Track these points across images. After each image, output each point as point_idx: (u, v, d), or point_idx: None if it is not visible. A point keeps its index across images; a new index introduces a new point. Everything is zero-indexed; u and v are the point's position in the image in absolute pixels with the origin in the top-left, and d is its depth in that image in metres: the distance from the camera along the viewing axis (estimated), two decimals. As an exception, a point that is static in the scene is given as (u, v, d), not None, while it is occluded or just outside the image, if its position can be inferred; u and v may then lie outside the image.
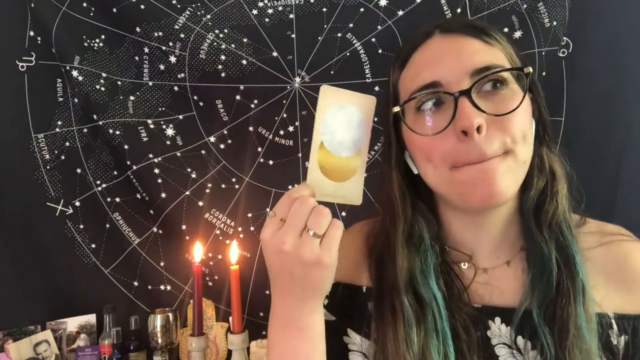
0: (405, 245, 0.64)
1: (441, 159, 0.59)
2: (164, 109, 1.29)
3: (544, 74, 1.14)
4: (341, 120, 0.58)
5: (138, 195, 1.30)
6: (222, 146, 1.29)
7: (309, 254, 0.54)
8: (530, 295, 0.59)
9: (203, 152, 1.29)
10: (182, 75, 1.27)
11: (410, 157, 0.66)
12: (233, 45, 1.25)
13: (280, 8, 1.25)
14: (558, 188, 0.63)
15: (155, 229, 1.31)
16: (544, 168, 0.64)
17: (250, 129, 1.27)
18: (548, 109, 0.66)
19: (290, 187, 1.26)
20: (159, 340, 1.19)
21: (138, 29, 1.26)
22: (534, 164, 0.63)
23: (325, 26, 1.23)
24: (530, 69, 0.59)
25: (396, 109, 0.62)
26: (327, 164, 0.58)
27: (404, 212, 0.65)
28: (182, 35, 1.25)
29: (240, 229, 1.28)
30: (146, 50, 1.27)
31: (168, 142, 1.29)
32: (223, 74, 1.25)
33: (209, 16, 1.26)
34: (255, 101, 1.26)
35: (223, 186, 1.29)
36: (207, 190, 1.29)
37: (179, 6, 1.26)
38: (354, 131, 0.58)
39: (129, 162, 1.28)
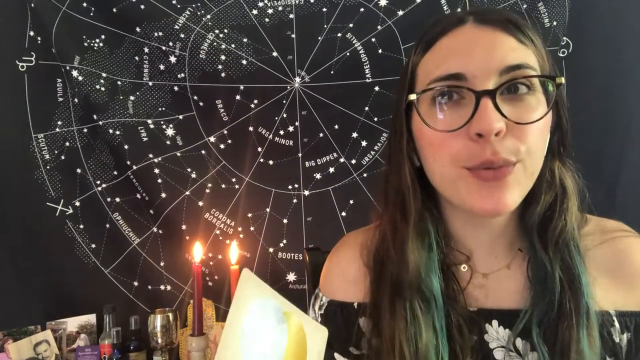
0: (416, 238, 0.61)
1: (450, 159, 0.56)
2: (164, 109, 1.29)
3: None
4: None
5: (138, 195, 1.30)
6: (222, 146, 1.29)
7: None
8: (530, 311, 0.57)
9: (203, 152, 1.29)
10: (182, 75, 1.27)
11: (414, 150, 0.63)
12: (233, 45, 1.25)
13: (280, 8, 1.25)
14: (568, 205, 0.60)
15: (155, 229, 1.31)
16: (554, 183, 0.61)
17: (250, 129, 1.27)
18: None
19: (290, 187, 1.26)
20: (159, 340, 1.19)
21: (138, 29, 1.26)
22: (544, 177, 0.60)
23: (325, 26, 1.23)
24: (563, 80, 0.55)
25: (412, 96, 0.58)
26: None
27: (415, 203, 0.62)
28: (182, 35, 1.25)
29: (240, 229, 1.28)
30: (146, 50, 1.27)
31: (168, 142, 1.29)
32: (223, 74, 1.25)
33: (209, 16, 1.26)
34: (255, 101, 1.26)
35: (223, 186, 1.29)
36: (207, 190, 1.29)
37: (179, 6, 1.26)
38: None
39: (129, 162, 1.28)
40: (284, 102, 1.25)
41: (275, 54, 1.24)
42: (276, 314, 0.41)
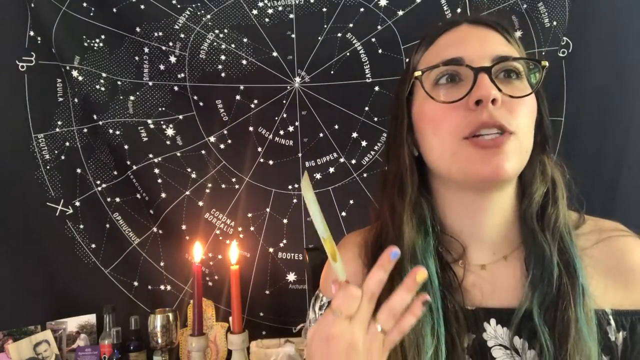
0: (412, 213, 0.65)
1: (451, 131, 0.60)
2: (164, 109, 1.29)
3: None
4: (313, 208, 0.56)
5: (138, 195, 1.30)
6: (222, 146, 1.29)
7: (377, 350, 0.52)
8: (530, 296, 0.59)
9: (203, 152, 1.29)
10: (182, 75, 1.27)
11: (413, 142, 0.67)
12: (233, 45, 1.25)
13: (280, 8, 1.25)
14: (559, 194, 0.64)
15: (155, 229, 1.31)
16: (546, 174, 0.65)
17: (250, 129, 1.27)
18: (548, 108, 0.66)
19: (290, 187, 1.27)
20: (159, 340, 1.19)
21: (138, 29, 1.27)
22: (537, 168, 0.64)
23: (325, 26, 1.23)
24: (547, 63, 0.61)
25: (417, 73, 0.63)
26: (332, 251, 0.55)
27: (411, 181, 0.66)
28: (182, 35, 1.25)
29: (240, 229, 1.28)
30: (146, 50, 1.27)
31: (168, 142, 1.29)
32: (223, 74, 1.25)
33: (209, 16, 1.26)
34: (255, 101, 1.26)
35: (223, 186, 1.29)
36: (207, 190, 1.29)
37: (179, 6, 1.26)
38: (316, 208, 0.56)
39: (129, 162, 1.28)
40: (284, 102, 1.25)
41: (275, 54, 1.24)
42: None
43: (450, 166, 0.61)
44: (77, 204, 1.31)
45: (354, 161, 1.25)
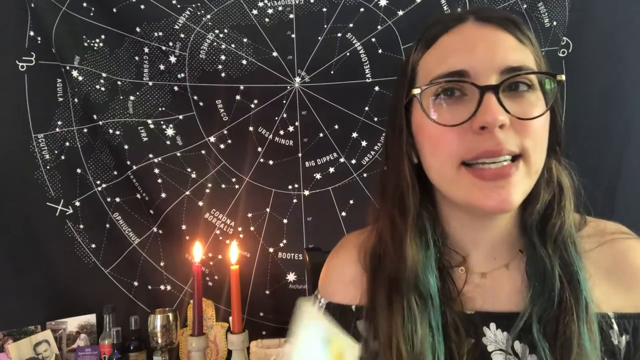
0: (414, 234, 0.61)
1: (450, 154, 0.56)
2: (164, 109, 1.29)
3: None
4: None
5: (138, 195, 1.30)
6: (222, 146, 1.29)
7: None
8: (530, 310, 0.57)
9: (203, 152, 1.29)
10: (182, 75, 1.27)
11: (413, 147, 0.63)
12: (233, 45, 1.25)
13: (280, 8, 1.25)
14: (565, 202, 0.61)
15: (155, 229, 1.31)
16: (552, 181, 0.61)
17: (250, 129, 1.27)
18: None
19: (290, 187, 1.26)
20: (159, 340, 1.19)
21: (138, 29, 1.26)
22: (543, 176, 0.60)
23: (325, 26, 1.23)
24: (563, 77, 0.56)
25: (416, 91, 0.58)
26: None
27: (413, 199, 0.62)
28: (182, 35, 1.25)
29: (240, 229, 1.28)
30: (146, 50, 1.27)
31: (168, 142, 1.29)
32: (223, 74, 1.25)
33: (209, 16, 1.26)
34: (255, 101, 1.26)
35: (223, 186, 1.29)
36: (207, 190, 1.29)
37: (179, 6, 1.26)
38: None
39: (129, 162, 1.28)
40: (284, 102, 1.25)
41: (275, 54, 1.24)
42: (322, 336, 0.53)
43: (449, 191, 0.58)
44: (77, 204, 1.31)
45: (354, 161, 1.25)
